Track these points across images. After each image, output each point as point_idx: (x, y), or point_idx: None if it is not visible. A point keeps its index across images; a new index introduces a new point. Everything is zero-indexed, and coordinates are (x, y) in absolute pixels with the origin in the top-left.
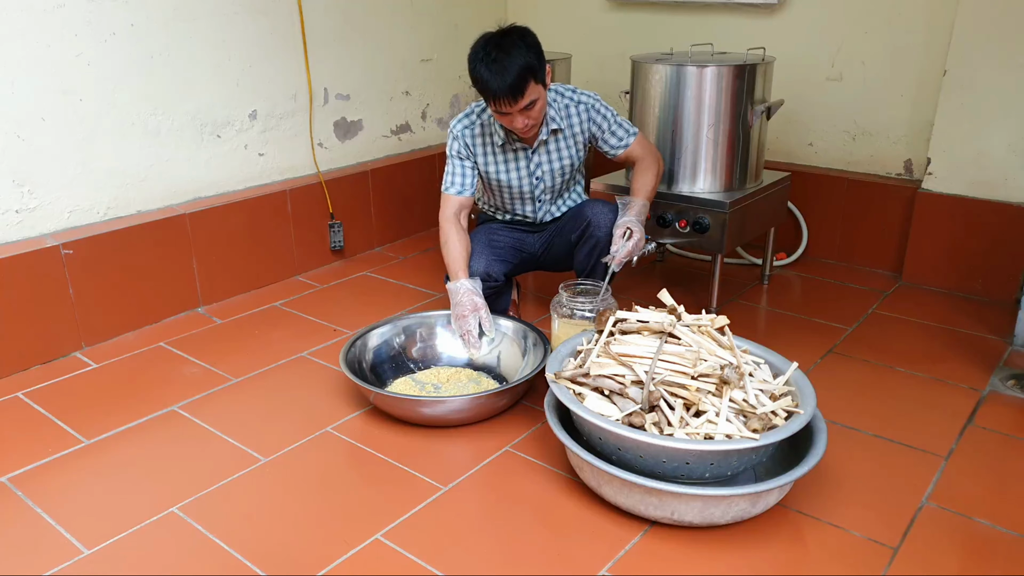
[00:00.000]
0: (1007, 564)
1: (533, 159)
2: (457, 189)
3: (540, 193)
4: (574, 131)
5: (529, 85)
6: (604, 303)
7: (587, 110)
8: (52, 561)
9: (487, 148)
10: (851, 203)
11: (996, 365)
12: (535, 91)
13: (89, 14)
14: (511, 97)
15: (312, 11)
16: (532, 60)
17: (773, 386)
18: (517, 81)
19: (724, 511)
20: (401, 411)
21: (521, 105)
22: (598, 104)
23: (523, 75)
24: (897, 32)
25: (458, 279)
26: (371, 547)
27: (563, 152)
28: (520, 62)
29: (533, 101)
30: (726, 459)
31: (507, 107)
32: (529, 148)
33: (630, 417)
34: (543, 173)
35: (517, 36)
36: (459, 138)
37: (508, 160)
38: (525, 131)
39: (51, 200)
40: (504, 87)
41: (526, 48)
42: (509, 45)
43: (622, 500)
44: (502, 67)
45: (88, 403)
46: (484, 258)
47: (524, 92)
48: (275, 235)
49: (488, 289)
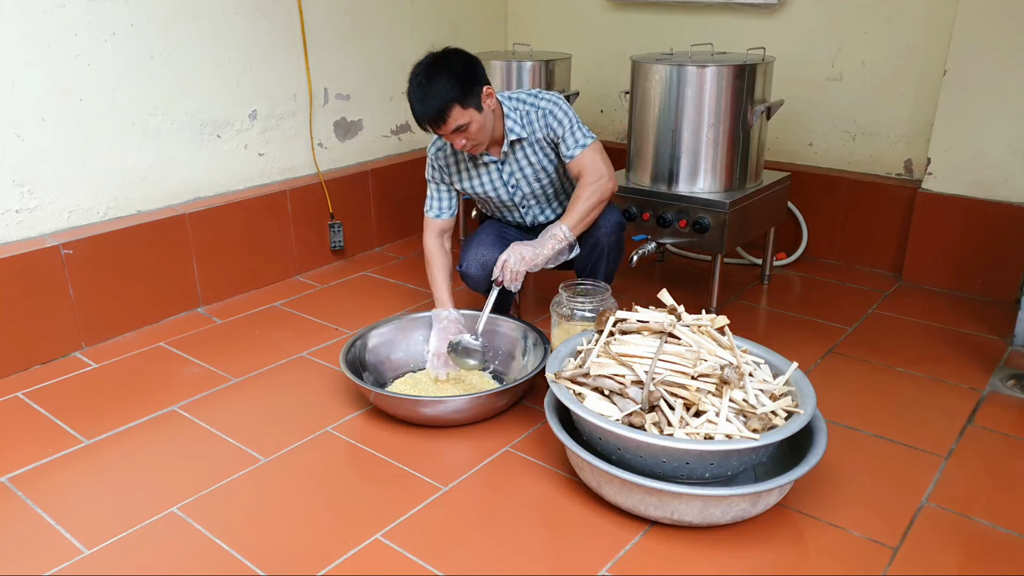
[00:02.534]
0: (1007, 564)
1: (504, 169)
2: (435, 212)
3: (521, 200)
4: (537, 136)
5: (452, 111)
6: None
7: (544, 115)
8: (52, 561)
9: (460, 165)
10: (851, 203)
11: (996, 365)
12: (462, 116)
13: (89, 14)
14: (434, 123)
15: (312, 11)
16: (454, 91)
17: (773, 386)
18: (438, 110)
19: (724, 511)
20: (401, 411)
21: (448, 130)
22: (556, 109)
23: (444, 105)
24: (897, 32)
25: (444, 307)
26: (371, 547)
27: (531, 159)
28: (443, 92)
29: (463, 125)
30: (726, 459)
31: (435, 132)
32: (497, 160)
33: (630, 417)
34: (518, 181)
35: (444, 61)
36: (432, 162)
37: (482, 174)
38: (468, 150)
39: (51, 200)
40: (426, 115)
41: (449, 76)
42: (434, 73)
43: (622, 500)
44: (423, 95)
45: (88, 403)
46: (497, 250)
47: (446, 119)
48: (275, 235)
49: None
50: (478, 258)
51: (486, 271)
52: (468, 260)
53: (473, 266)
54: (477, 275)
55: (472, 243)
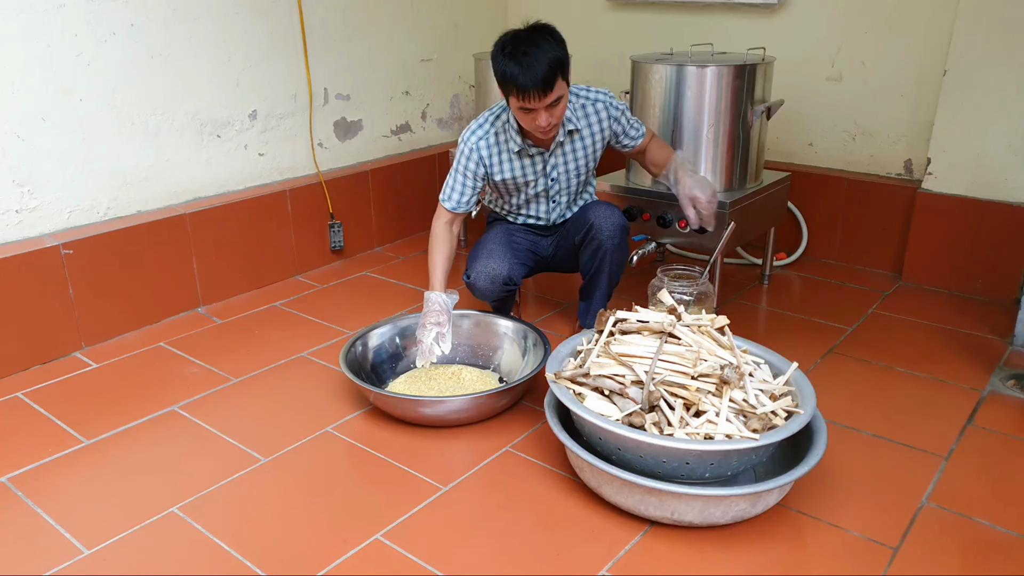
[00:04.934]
0: (1007, 564)
1: (549, 161)
2: (453, 204)
3: (555, 194)
4: (592, 131)
5: (558, 80)
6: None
7: (605, 108)
8: (52, 561)
9: (503, 156)
10: (851, 203)
11: (996, 365)
12: (562, 87)
13: (89, 14)
14: (541, 91)
15: (312, 11)
16: (560, 54)
17: (773, 386)
18: (548, 74)
19: (724, 511)
20: (401, 411)
21: (549, 100)
22: (614, 101)
23: (552, 68)
24: (897, 32)
25: (434, 290)
26: (371, 547)
27: (579, 153)
28: (549, 55)
29: (559, 97)
30: (726, 459)
31: (535, 102)
32: (545, 151)
33: (630, 417)
34: (559, 175)
35: (545, 31)
36: (474, 151)
37: (524, 165)
38: (547, 130)
39: (51, 200)
40: (535, 81)
41: (555, 42)
42: (537, 39)
43: (622, 500)
44: (532, 60)
45: (88, 403)
46: (507, 262)
47: (553, 86)
48: (275, 235)
49: (505, 291)
50: (487, 271)
51: (495, 285)
52: (476, 271)
53: (481, 278)
54: (485, 287)
55: (480, 253)
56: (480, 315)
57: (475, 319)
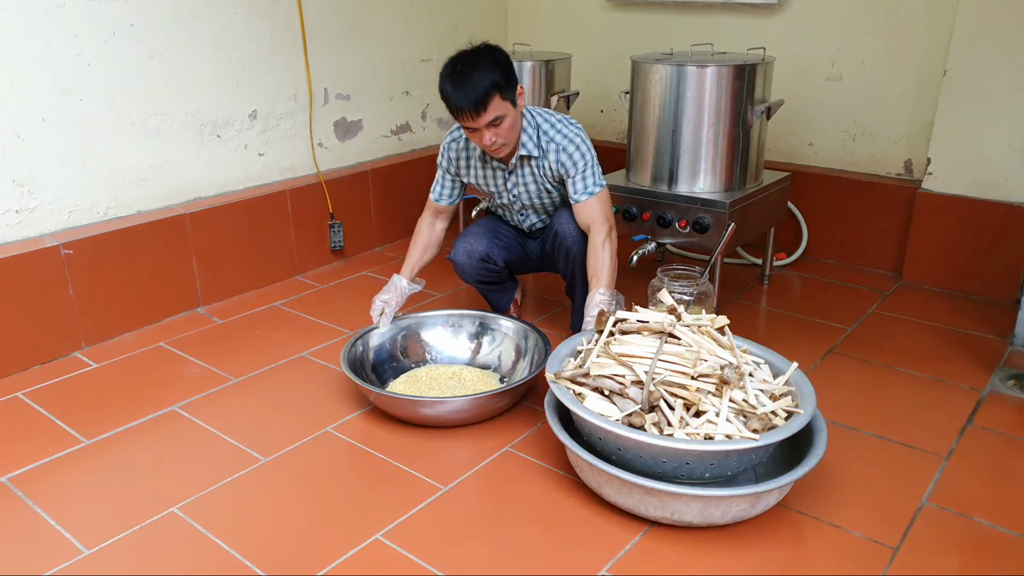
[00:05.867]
0: (1007, 564)
1: (510, 179)
2: (436, 195)
3: (521, 209)
4: (545, 165)
5: (493, 100)
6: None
7: (557, 151)
8: (52, 561)
9: (470, 161)
10: (851, 203)
11: (996, 365)
12: (500, 107)
13: (89, 14)
14: (472, 111)
15: (312, 11)
16: (498, 77)
17: (773, 386)
18: (481, 95)
19: (724, 512)
20: (402, 411)
21: (485, 120)
22: (571, 147)
23: (487, 90)
24: (897, 32)
25: (400, 273)
26: (371, 547)
27: (538, 178)
28: (485, 76)
29: (499, 117)
30: (726, 459)
31: (471, 121)
32: (505, 168)
33: (630, 417)
34: (519, 192)
35: (486, 52)
36: (447, 151)
37: (487, 175)
38: (493, 148)
39: (51, 200)
40: (467, 101)
41: (493, 63)
42: (476, 59)
43: (622, 500)
44: (466, 80)
45: (88, 403)
46: (487, 240)
47: (487, 106)
48: (275, 235)
49: (489, 273)
50: (465, 247)
51: (472, 259)
52: (457, 249)
53: (460, 254)
54: (463, 262)
55: (464, 235)
56: (481, 315)
57: (477, 319)
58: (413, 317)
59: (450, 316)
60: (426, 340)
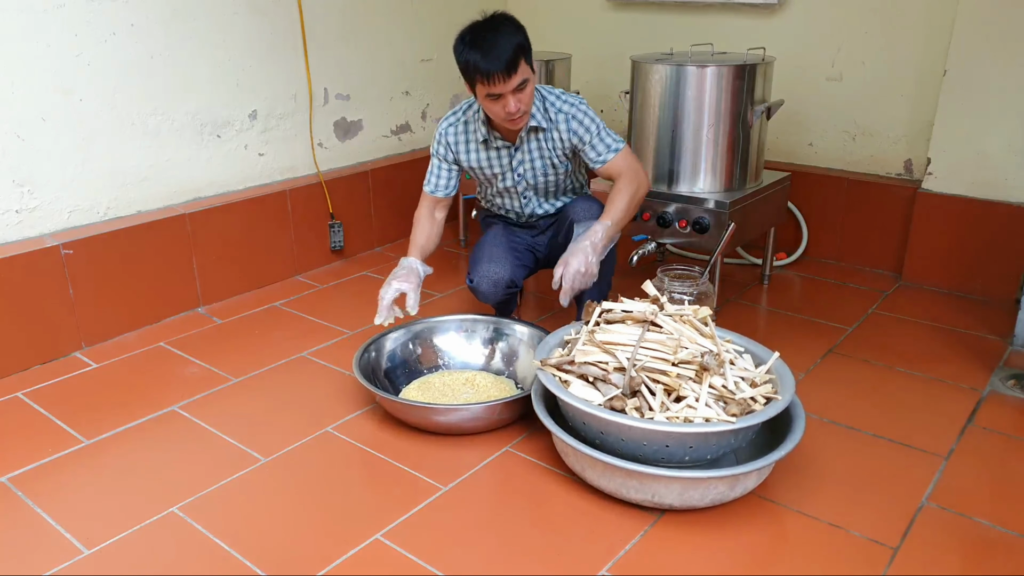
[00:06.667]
0: (1007, 564)
1: (516, 156)
2: (432, 188)
3: (524, 191)
4: (554, 136)
5: (521, 63)
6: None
7: (567, 120)
8: (52, 561)
9: (470, 145)
10: (851, 203)
11: (996, 365)
12: (526, 71)
13: (89, 14)
14: (504, 73)
15: (312, 11)
16: (522, 39)
17: (754, 374)
18: (511, 56)
19: (703, 494)
20: (415, 418)
21: (514, 83)
22: (580, 113)
23: (515, 51)
24: (897, 32)
25: (408, 256)
26: (371, 547)
27: (545, 152)
28: (511, 38)
29: (525, 81)
30: (704, 442)
31: (501, 85)
32: (512, 145)
33: (611, 401)
34: (525, 171)
35: (504, 18)
36: (443, 136)
37: (491, 157)
38: (516, 116)
39: (51, 200)
40: (499, 65)
41: (515, 27)
42: (497, 25)
43: (605, 483)
44: (493, 44)
45: (88, 403)
46: (509, 264)
47: (517, 68)
48: (275, 235)
49: (507, 294)
50: (489, 276)
51: (498, 288)
52: (479, 276)
53: (484, 283)
54: (488, 291)
55: (482, 256)
56: (495, 320)
57: (491, 324)
58: (425, 322)
59: (464, 321)
60: (439, 345)
